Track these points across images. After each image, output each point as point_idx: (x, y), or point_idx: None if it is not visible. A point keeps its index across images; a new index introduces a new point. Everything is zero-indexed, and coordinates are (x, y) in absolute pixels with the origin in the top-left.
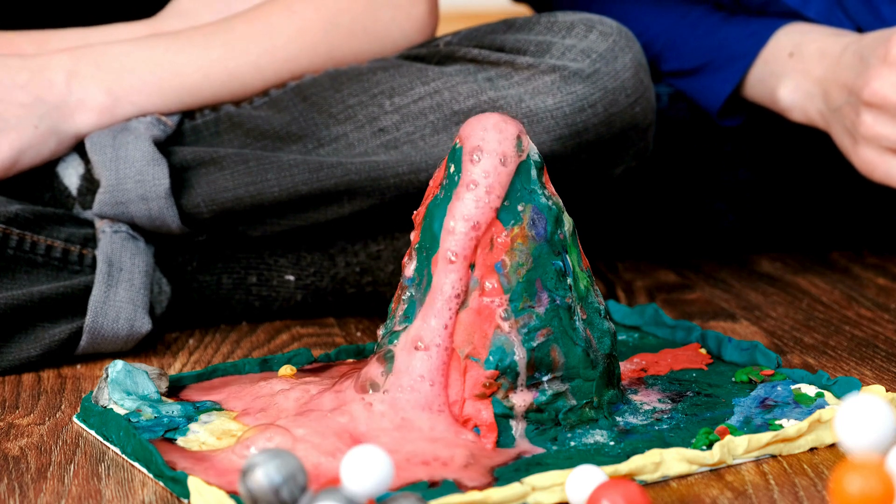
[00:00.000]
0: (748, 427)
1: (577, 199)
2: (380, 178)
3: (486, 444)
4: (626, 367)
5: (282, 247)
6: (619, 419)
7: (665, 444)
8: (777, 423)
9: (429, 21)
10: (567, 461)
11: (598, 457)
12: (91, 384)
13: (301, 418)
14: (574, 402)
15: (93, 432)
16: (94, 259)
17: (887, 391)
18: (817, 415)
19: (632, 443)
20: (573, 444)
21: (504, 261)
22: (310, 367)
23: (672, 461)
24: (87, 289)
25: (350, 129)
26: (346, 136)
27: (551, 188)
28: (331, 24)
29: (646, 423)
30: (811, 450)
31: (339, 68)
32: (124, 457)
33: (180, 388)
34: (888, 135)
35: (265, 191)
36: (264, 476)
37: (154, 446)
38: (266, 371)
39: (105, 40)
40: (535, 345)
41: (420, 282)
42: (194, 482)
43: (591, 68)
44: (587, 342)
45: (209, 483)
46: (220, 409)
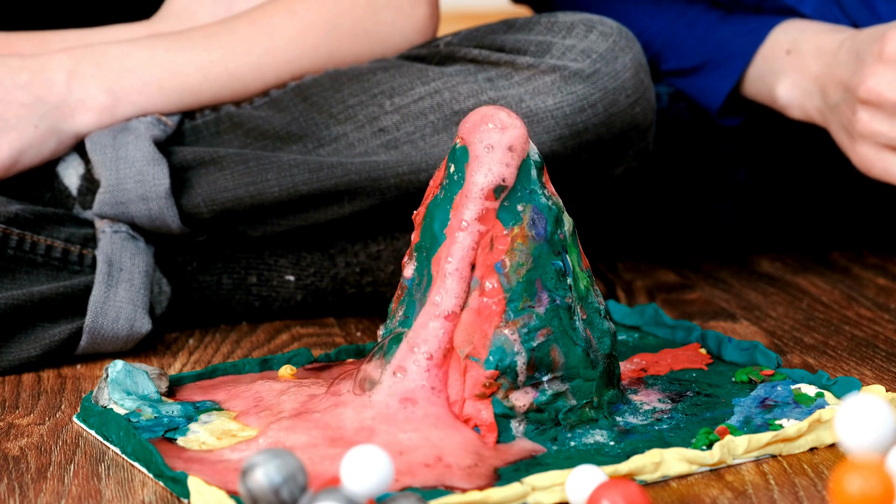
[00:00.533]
0: (748, 427)
1: (577, 200)
2: (380, 178)
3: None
4: (626, 367)
5: (282, 247)
6: (619, 419)
7: (665, 444)
8: (777, 423)
9: (430, 23)
10: (567, 461)
11: (598, 457)
12: (91, 384)
13: (298, 420)
14: (574, 402)
15: (93, 432)
16: (94, 259)
17: (887, 391)
18: (817, 415)
19: (632, 443)
20: (573, 444)
21: (504, 261)
22: (310, 366)
23: (672, 461)
24: (87, 289)
25: (350, 129)
26: (346, 136)
27: (551, 188)
28: (332, 26)
29: (646, 423)
30: (811, 450)
31: (340, 68)
32: (124, 457)
33: (180, 388)
34: (884, 132)
35: (265, 191)
36: (264, 476)
37: (154, 446)
38: (266, 371)
39: (104, 41)
40: (535, 345)
41: (420, 282)
42: (194, 482)
43: (592, 68)
44: (587, 342)
45: (209, 483)
46: (220, 409)
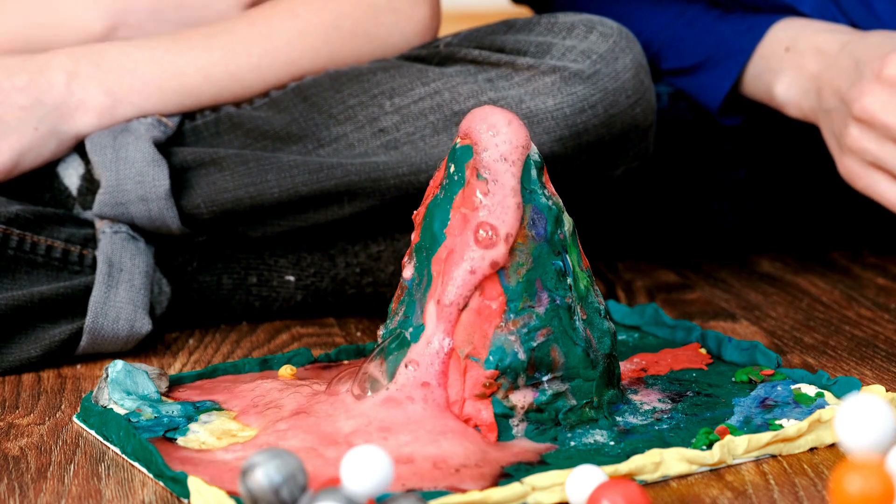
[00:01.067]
0: (748, 427)
1: (577, 200)
2: (380, 178)
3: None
4: (626, 367)
5: (282, 247)
6: (619, 419)
7: (665, 444)
8: (777, 423)
9: (430, 24)
10: (567, 461)
11: (598, 457)
12: (91, 384)
13: (296, 422)
14: (574, 402)
15: (93, 432)
16: (94, 259)
17: (887, 391)
18: (817, 415)
19: (632, 443)
20: (573, 444)
21: None
22: (310, 366)
23: (672, 461)
24: (88, 289)
25: (350, 129)
26: (346, 137)
27: (551, 188)
28: (332, 27)
29: (646, 423)
30: (811, 450)
31: (340, 69)
32: (124, 457)
33: (180, 388)
34: (872, 150)
35: (265, 192)
36: (264, 476)
37: (154, 446)
38: (266, 371)
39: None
40: (535, 345)
41: (420, 282)
42: (194, 482)
43: (592, 69)
44: (587, 342)
45: (209, 483)
46: (220, 409)
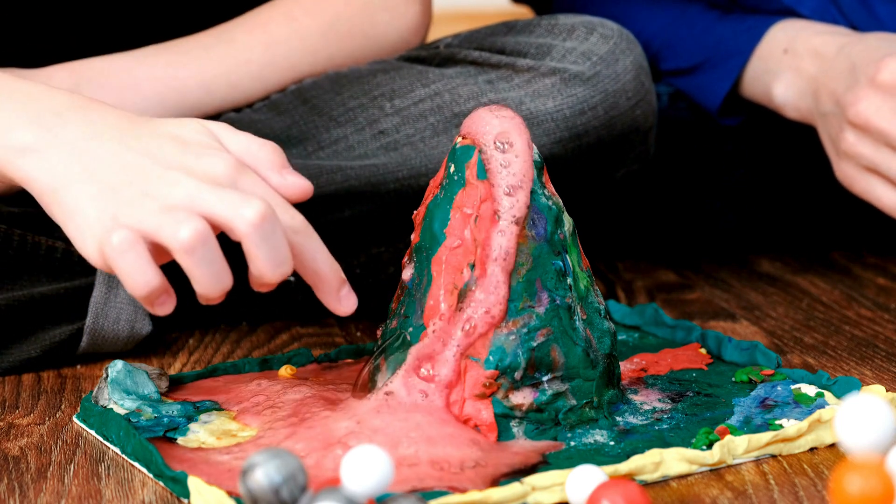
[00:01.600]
0: (748, 427)
1: (577, 202)
2: (380, 183)
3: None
4: (626, 367)
5: None
6: (619, 419)
7: (665, 444)
8: (777, 422)
9: (423, 22)
10: (567, 461)
11: (598, 457)
12: (91, 384)
13: (294, 424)
14: (574, 402)
15: (93, 432)
16: None
17: (887, 391)
18: (817, 415)
19: (632, 443)
20: (573, 444)
21: None
22: (311, 366)
23: (672, 461)
24: (88, 289)
25: (350, 131)
26: (346, 139)
27: (551, 188)
28: (329, 29)
29: (646, 423)
30: (811, 450)
31: (340, 71)
32: (124, 457)
33: (180, 388)
34: (868, 155)
35: None
36: (264, 476)
37: (154, 446)
38: (266, 371)
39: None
40: (535, 345)
41: (420, 282)
42: (194, 482)
43: (592, 71)
44: (587, 342)
45: (209, 483)
46: (220, 408)
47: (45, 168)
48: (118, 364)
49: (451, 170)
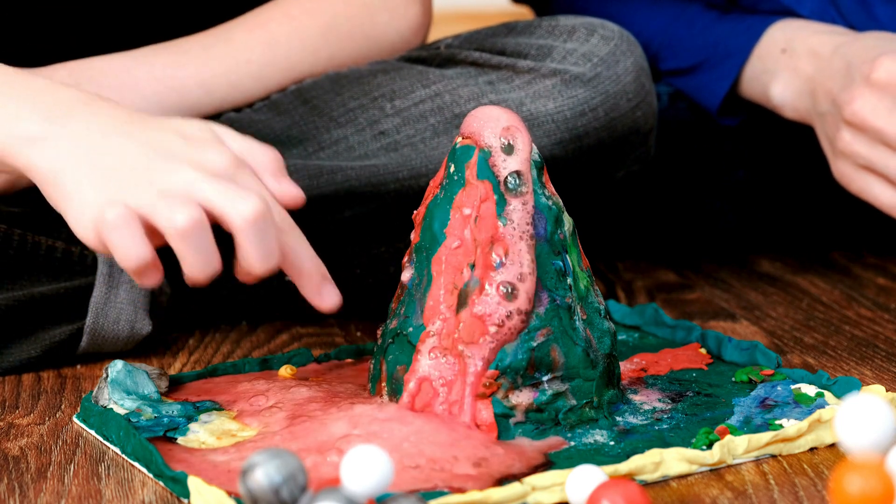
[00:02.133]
0: (748, 427)
1: (578, 203)
2: (380, 183)
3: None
4: (626, 367)
5: None
6: (619, 419)
7: (665, 444)
8: (777, 422)
9: (423, 22)
10: (567, 461)
11: (598, 457)
12: (91, 384)
13: (296, 422)
14: (574, 402)
15: (93, 432)
16: (94, 260)
17: (887, 391)
18: (817, 415)
19: (632, 443)
20: (573, 443)
21: None
22: (310, 366)
23: (672, 461)
24: (88, 289)
25: (350, 132)
26: (346, 139)
27: (551, 188)
28: (329, 29)
29: (646, 423)
30: (811, 450)
31: (340, 71)
32: (124, 457)
33: (180, 388)
34: (864, 154)
35: None
36: (264, 476)
37: (154, 446)
38: (266, 371)
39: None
40: (535, 345)
41: (420, 282)
42: (194, 482)
43: (593, 72)
44: (587, 342)
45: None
46: (220, 408)
47: (48, 156)
48: (118, 364)
49: (451, 170)
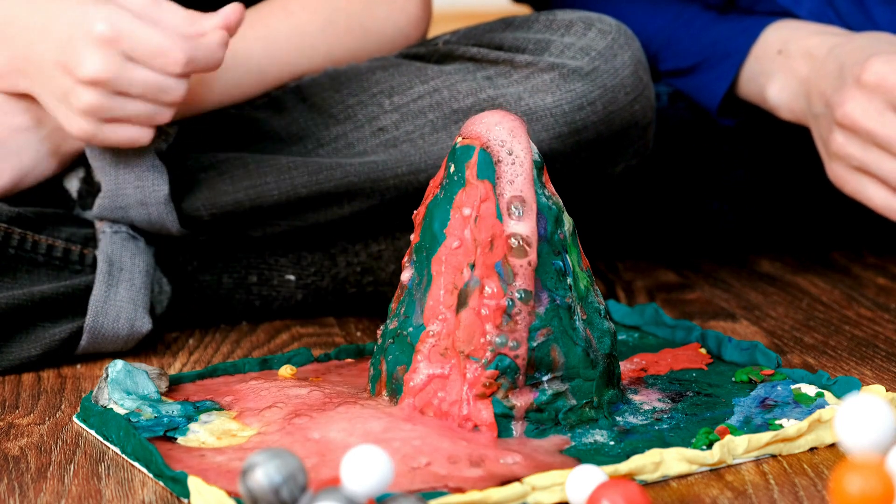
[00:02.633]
0: (748, 427)
1: (577, 198)
2: (379, 179)
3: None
4: (626, 367)
5: (282, 247)
6: (619, 419)
7: (665, 444)
8: (777, 422)
9: (423, 16)
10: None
11: (598, 457)
12: (91, 384)
13: (297, 423)
14: (574, 402)
15: (93, 432)
16: (94, 259)
17: (887, 391)
18: (817, 415)
19: (632, 443)
20: (573, 443)
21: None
22: (310, 366)
23: (672, 461)
24: (88, 288)
25: (349, 128)
26: (345, 136)
27: (551, 188)
28: (328, 24)
29: (646, 422)
30: (811, 450)
31: (339, 68)
32: (124, 457)
33: (180, 388)
34: (857, 156)
35: (265, 194)
36: (264, 476)
37: (154, 446)
38: (266, 371)
39: None
40: (535, 345)
41: (420, 281)
42: (194, 482)
43: (591, 66)
44: (587, 342)
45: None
46: (220, 408)
47: None
48: (118, 364)
49: (451, 170)
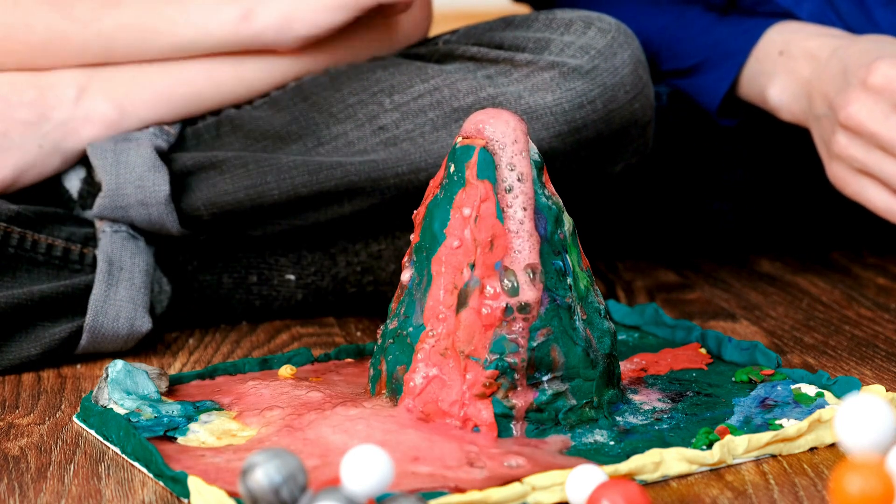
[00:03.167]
0: (748, 427)
1: (577, 197)
2: (380, 178)
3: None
4: (626, 367)
5: (282, 246)
6: (619, 419)
7: (665, 444)
8: (777, 422)
9: (424, 16)
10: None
11: (598, 457)
12: (91, 384)
13: (297, 423)
14: (574, 402)
15: (93, 432)
16: (94, 258)
17: (887, 391)
18: (817, 414)
19: (632, 443)
20: (573, 443)
21: (504, 261)
22: (310, 366)
23: (672, 461)
24: (88, 288)
25: (350, 127)
26: (345, 135)
27: (551, 188)
28: (348, 29)
29: (646, 422)
30: (811, 450)
31: (339, 67)
32: (124, 457)
33: (180, 388)
34: (859, 158)
35: (265, 193)
36: (264, 476)
37: (154, 446)
38: (266, 371)
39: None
40: (535, 345)
41: (420, 281)
42: (194, 482)
43: (590, 65)
44: (587, 342)
45: (209, 482)
46: (220, 408)
47: None
48: (118, 364)
49: (451, 170)
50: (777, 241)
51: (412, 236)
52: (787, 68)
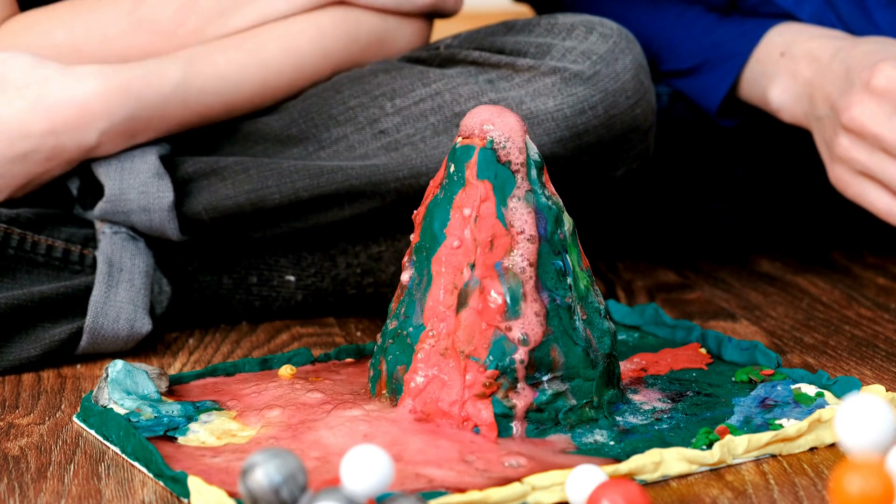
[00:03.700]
0: (748, 427)
1: (578, 201)
2: (380, 182)
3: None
4: (626, 367)
5: (282, 247)
6: (619, 419)
7: (665, 444)
8: (777, 422)
9: (427, 23)
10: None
11: (598, 456)
12: (91, 384)
13: (297, 423)
14: (574, 402)
15: (93, 432)
16: (94, 259)
17: (887, 391)
18: (817, 414)
19: (632, 442)
20: (573, 443)
21: (504, 261)
22: (310, 366)
23: (672, 461)
24: (88, 289)
25: (350, 130)
26: (346, 138)
27: (551, 188)
28: (352, 40)
29: (646, 422)
30: (811, 450)
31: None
32: (124, 456)
33: (180, 388)
34: (861, 160)
35: (266, 197)
36: (264, 476)
37: (154, 446)
38: (266, 371)
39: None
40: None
41: (420, 282)
42: (194, 482)
43: (592, 70)
44: (587, 342)
45: (209, 482)
46: (220, 408)
47: None
48: (118, 364)
49: (451, 170)
50: (777, 241)
51: (412, 236)
52: (789, 70)
